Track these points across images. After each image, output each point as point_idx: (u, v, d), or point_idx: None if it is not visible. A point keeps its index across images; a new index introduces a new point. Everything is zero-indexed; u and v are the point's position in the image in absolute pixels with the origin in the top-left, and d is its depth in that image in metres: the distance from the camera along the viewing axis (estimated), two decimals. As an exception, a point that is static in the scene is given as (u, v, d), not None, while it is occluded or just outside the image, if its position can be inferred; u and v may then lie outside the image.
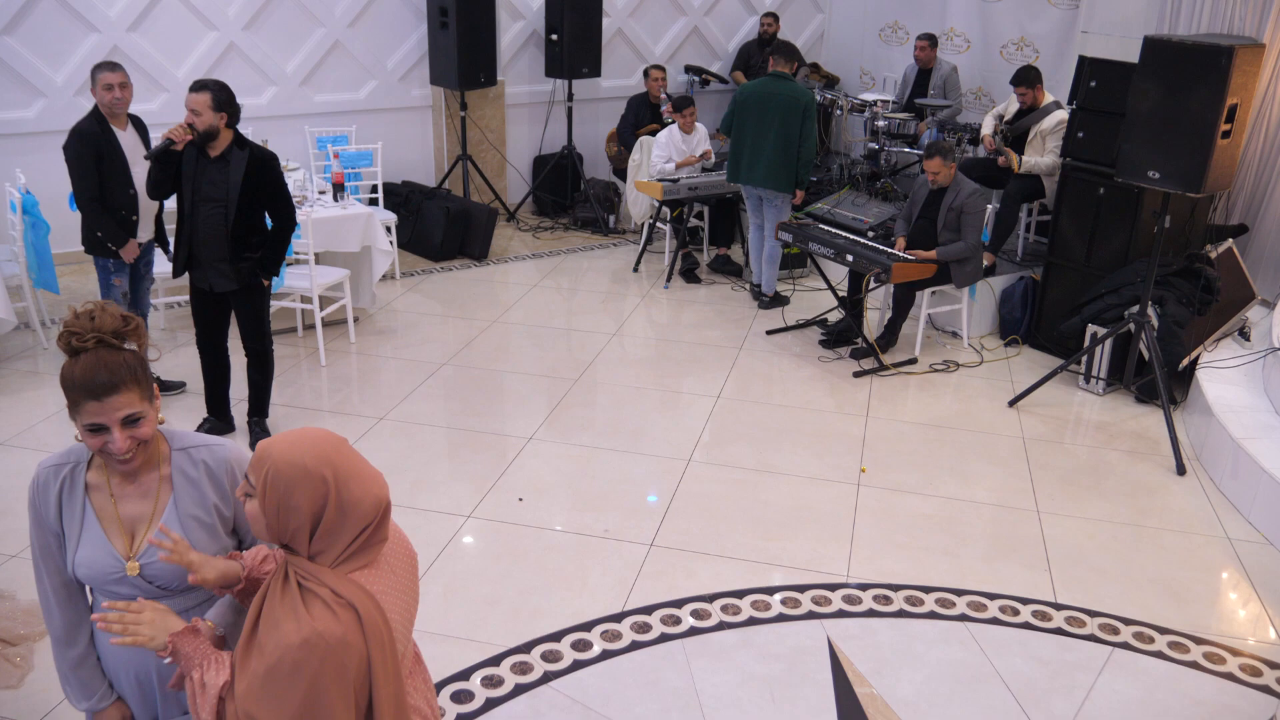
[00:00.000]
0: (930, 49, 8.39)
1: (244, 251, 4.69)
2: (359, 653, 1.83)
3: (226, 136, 4.54)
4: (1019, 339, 6.70)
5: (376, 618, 1.86)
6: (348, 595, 1.83)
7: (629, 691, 3.48)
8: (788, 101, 6.67)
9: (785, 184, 6.84)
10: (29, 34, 6.90)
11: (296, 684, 1.79)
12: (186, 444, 2.16)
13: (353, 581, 1.86)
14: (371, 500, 1.88)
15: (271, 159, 4.68)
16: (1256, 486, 4.69)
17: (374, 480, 1.91)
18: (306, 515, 1.82)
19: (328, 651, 1.79)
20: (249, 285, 4.78)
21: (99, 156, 4.95)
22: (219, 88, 4.46)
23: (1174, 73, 4.96)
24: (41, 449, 4.99)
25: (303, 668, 1.79)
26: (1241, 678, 3.67)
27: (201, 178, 4.58)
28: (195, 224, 4.65)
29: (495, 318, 6.89)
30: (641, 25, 9.57)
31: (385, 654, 1.87)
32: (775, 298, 7.23)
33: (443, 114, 8.75)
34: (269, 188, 4.66)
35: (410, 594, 2.03)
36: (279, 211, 4.75)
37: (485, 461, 5.00)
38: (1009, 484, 4.96)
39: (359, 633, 1.83)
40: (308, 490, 1.81)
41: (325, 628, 1.79)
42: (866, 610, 3.96)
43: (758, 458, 5.12)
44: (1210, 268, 5.84)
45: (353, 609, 1.82)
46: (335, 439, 1.90)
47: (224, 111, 4.46)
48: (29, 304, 6.06)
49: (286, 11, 7.84)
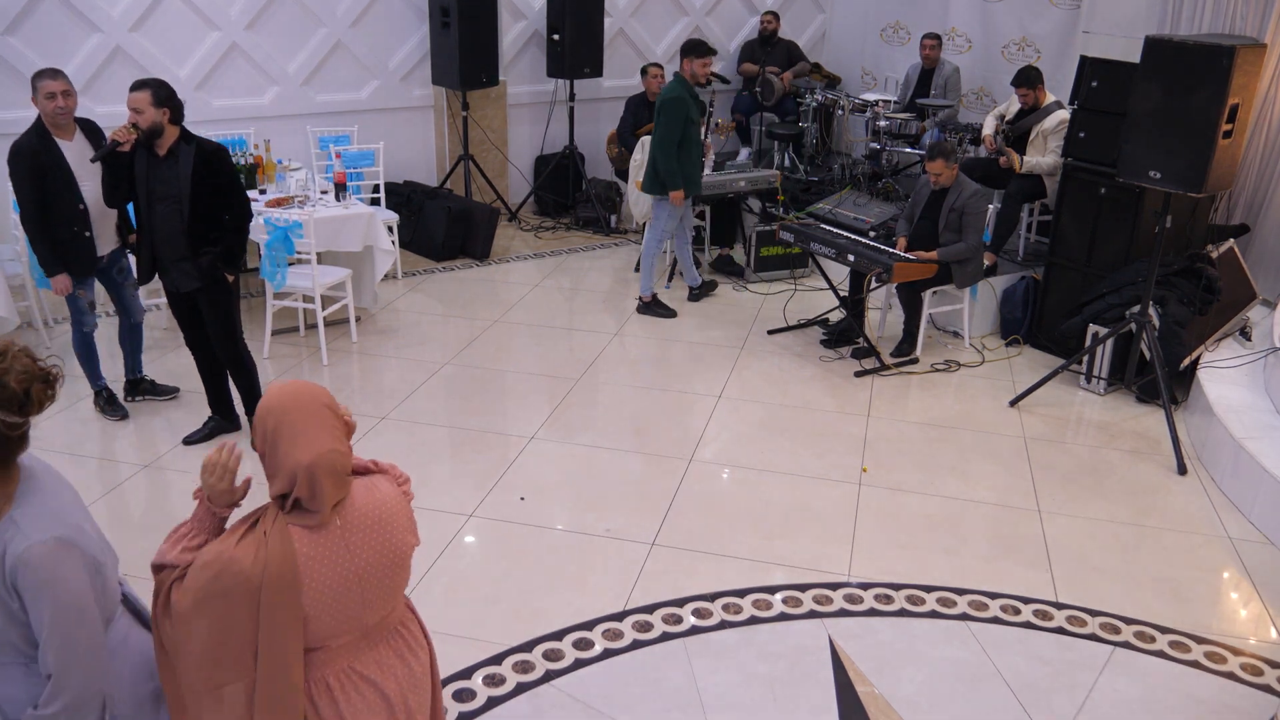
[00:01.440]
0: (938, 48, 8.41)
1: (203, 247, 4.67)
2: (251, 585, 1.98)
3: (172, 133, 4.52)
4: (1020, 339, 6.71)
5: (284, 569, 1.99)
6: (271, 537, 2.00)
7: (631, 690, 3.48)
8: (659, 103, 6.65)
9: (655, 186, 6.76)
10: (31, 34, 6.90)
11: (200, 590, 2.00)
12: (7, 524, 2.02)
13: (286, 531, 2.02)
14: (290, 465, 2.01)
15: (220, 151, 4.64)
16: (1257, 486, 4.69)
17: (306, 449, 2.02)
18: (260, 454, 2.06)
19: (223, 570, 1.98)
20: (213, 282, 4.74)
21: (41, 173, 4.73)
22: (158, 85, 4.46)
23: (1175, 73, 4.97)
24: (43, 448, 5.00)
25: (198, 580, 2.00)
26: (1242, 677, 3.68)
27: (153, 177, 4.58)
28: (153, 224, 4.65)
29: (497, 317, 6.90)
30: (643, 25, 9.58)
31: (281, 601, 1.99)
32: (654, 303, 7.05)
33: (444, 114, 8.76)
34: (219, 180, 4.63)
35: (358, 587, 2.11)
36: (232, 203, 4.71)
37: (487, 461, 5.01)
38: (1010, 483, 4.97)
39: (259, 570, 1.97)
40: (260, 434, 2.05)
41: (237, 553, 1.99)
42: (868, 609, 3.96)
43: (759, 457, 5.13)
44: (1211, 267, 5.84)
45: (266, 550, 1.98)
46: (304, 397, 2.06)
47: (165, 107, 4.44)
48: (31, 303, 6.07)
49: (288, 11, 7.85)
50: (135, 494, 4.65)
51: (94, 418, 5.32)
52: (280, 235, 5.85)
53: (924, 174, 6.32)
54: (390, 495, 2.22)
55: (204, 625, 2.03)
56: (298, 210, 6.06)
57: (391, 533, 2.17)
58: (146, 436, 5.17)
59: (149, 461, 4.90)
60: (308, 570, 2.03)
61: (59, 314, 6.50)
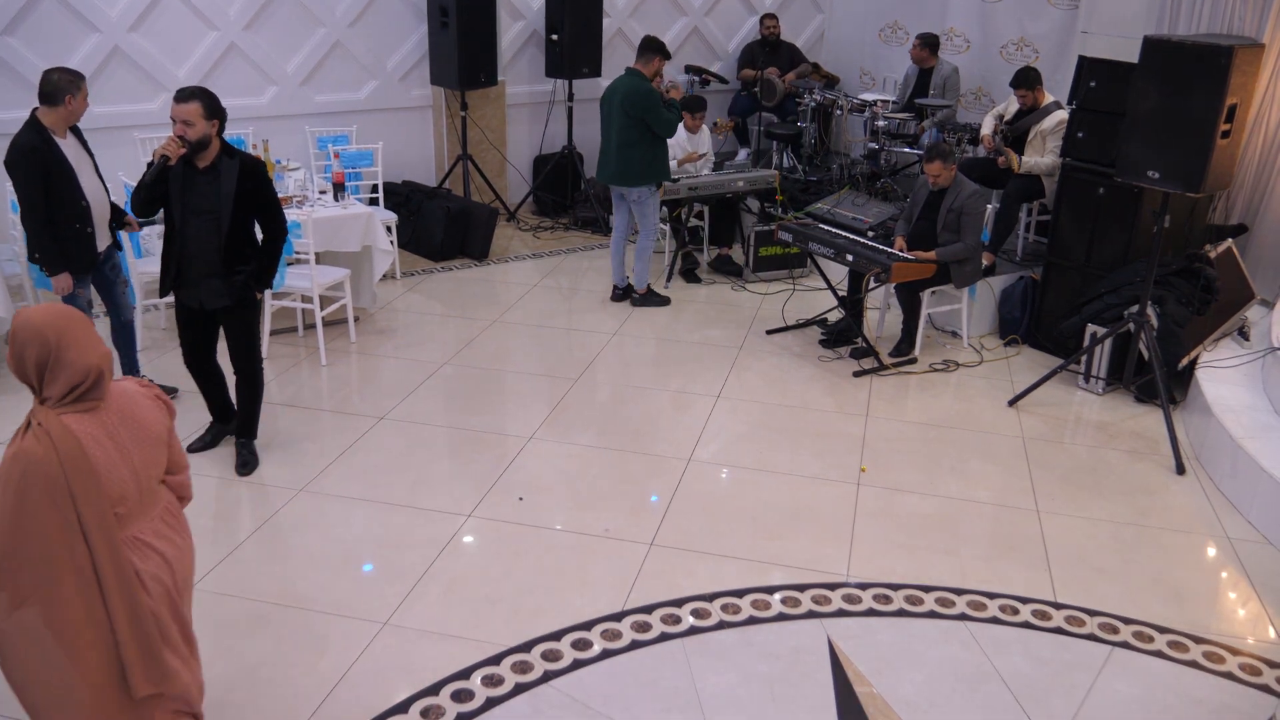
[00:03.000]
0: (922, 49, 8.38)
1: (236, 264, 4.53)
2: (54, 470, 2.40)
3: (215, 146, 4.37)
4: (1018, 339, 6.71)
5: (74, 449, 2.42)
6: (49, 427, 2.42)
7: (629, 691, 3.48)
8: (623, 99, 6.70)
9: (642, 178, 6.84)
10: (30, 34, 6.90)
11: (8, 490, 2.39)
12: None
13: (61, 421, 2.45)
14: (83, 364, 2.47)
15: (261, 166, 4.53)
16: (1256, 486, 4.69)
17: (92, 351, 2.49)
18: (33, 364, 2.45)
19: (27, 464, 2.39)
20: (241, 300, 4.61)
21: (46, 171, 4.72)
22: (208, 95, 4.31)
23: (1174, 73, 4.97)
24: (42, 448, 4.99)
25: (10, 476, 2.40)
26: (1241, 677, 3.68)
27: (190, 190, 4.39)
28: (185, 239, 4.46)
29: (495, 317, 6.90)
30: (642, 25, 9.57)
31: (84, 479, 2.43)
32: (649, 294, 7.17)
33: (443, 114, 8.76)
34: (259, 196, 4.51)
35: (124, 457, 2.56)
36: (270, 221, 4.59)
37: (486, 461, 5.01)
38: (1009, 483, 4.97)
39: (54, 455, 2.40)
40: (36, 348, 2.44)
41: (28, 447, 2.41)
42: (866, 609, 3.96)
43: (758, 457, 5.13)
44: (1209, 267, 5.85)
45: (50, 437, 2.40)
46: (75, 316, 2.51)
47: (216, 119, 4.31)
48: (30, 303, 6.06)
49: (287, 11, 7.84)
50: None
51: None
52: (279, 235, 5.84)
53: (922, 174, 6.32)
54: (130, 387, 2.70)
55: (8, 517, 2.41)
56: (296, 210, 6.05)
57: (139, 412, 2.63)
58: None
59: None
60: (89, 445, 2.47)
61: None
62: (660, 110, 6.67)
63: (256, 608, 3.86)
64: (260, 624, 3.78)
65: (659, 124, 6.68)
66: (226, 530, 4.38)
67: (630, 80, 6.75)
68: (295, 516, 4.49)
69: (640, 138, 6.72)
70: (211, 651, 3.61)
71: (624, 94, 6.72)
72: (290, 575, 4.06)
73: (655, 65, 6.78)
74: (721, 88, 10.03)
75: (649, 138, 6.73)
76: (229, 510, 4.57)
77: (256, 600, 3.91)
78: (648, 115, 6.65)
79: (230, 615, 3.82)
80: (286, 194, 6.42)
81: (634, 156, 6.78)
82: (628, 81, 6.76)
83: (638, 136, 6.72)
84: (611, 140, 6.85)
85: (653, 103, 6.65)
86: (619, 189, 7.02)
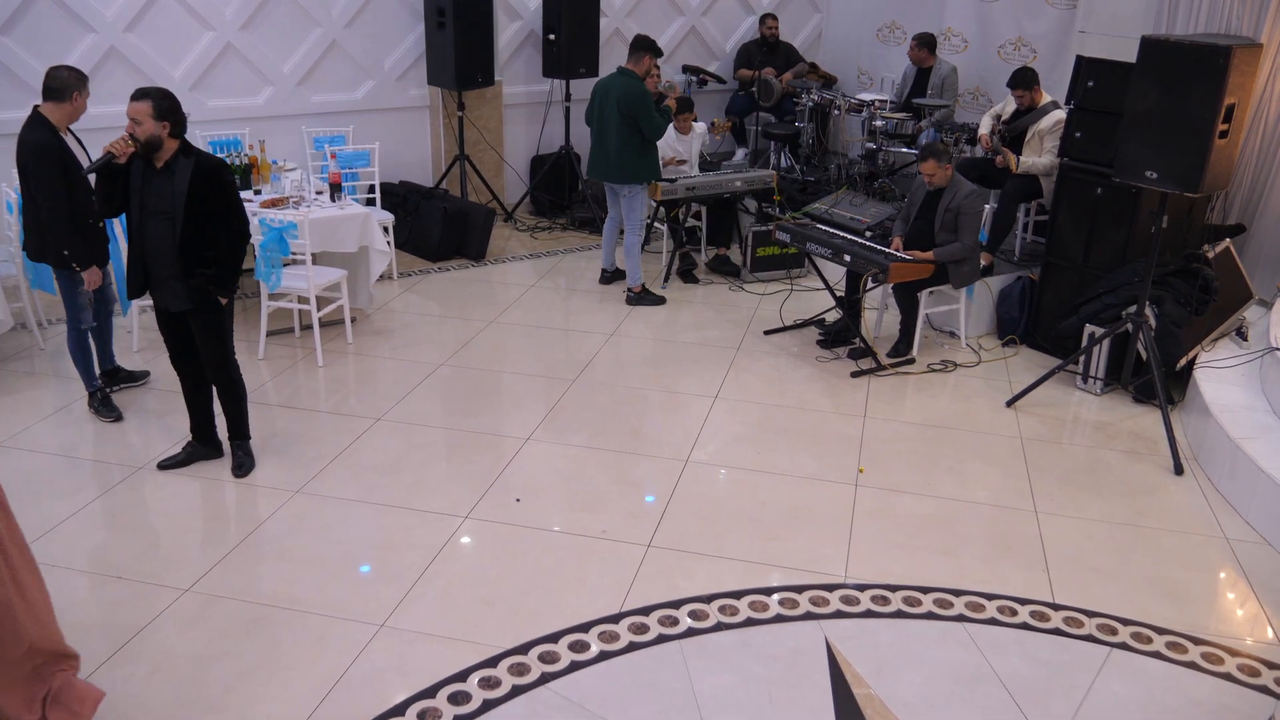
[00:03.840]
0: (920, 49, 8.39)
1: (195, 267, 4.42)
2: None
3: (171, 146, 4.29)
4: (1017, 339, 6.70)
5: None
6: None
7: (627, 693, 3.47)
8: (618, 97, 6.80)
9: (635, 176, 6.97)
10: (25, 34, 6.88)
11: None
12: None
13: None
14: None
15: (219, 167, 4.40)
16: (1254, 486, 4.69)
17: None
18: None
19: None
20: (204, 304, 4.51)
21: (64, 169, 4.75)
22: (161, 95, 4.24)
23: (1171, 73, 4.96)
24: (39, 449, 4.98)
25: None
26: (1239, 678, 3.67)
27: (147, 189, 4.35)
28: (144, 239, 4.43)
29: (493, 318, 6.89)
30: (639, 25, 9.55)
31: None
32: (644, 293, 7.24)
33: (440, 114, 8.75)
34: (216, 197, 4.37)
35: None
36: (230, 224, 4.45)
37: (483, 462, 5.00)
38: (1007, 484, 4.96)
39: None
40: None
41: None
42: (864, 611, 3.96)
43: (755, 458, 5.12)
44: (1208, 267, 5.84)
45: None
46: None
47: (166, 120, 4.22)
48: (25, 305, 6.05)
49: (283, 12, 7.83)
50: (130, 496, 4.63)
51: (88, 420, 5.30)
52: (275, 236, 5.83)
53: (919, 174, 6.31)
54: None
55: None
56: (293, 211, 6.04)
57: None
58: (142, 439, 5.15)
59: (142, 464, 4.88)
60: None
61: (52, 315, 6.47)
62: (652, 114, 6.79)
63: (253, 609, 3.85)
64: (257, 626, 3.76)
65: (648, 126, 6.80)
66: (223, 532, 4.37)
67: (624, 81, 6.82)
68: (292, 518, 4.47)
69: (633, 137, 6.84)
70: (208, 653, 3.60)
71: (619, 94, 6.78)
72: (287, 577, 4.05)
73: (645, 64, 6.90)
74: (719, 88, 10.03)
75: (641, 137, 6.86)
76: (225, 512, 4.55)
77: (253, 602, 3.90)
78: (639, 117, 6.74)
79: (227, 617, 3.80)
80: (283, 195, 6.42)
81: (629, 155, 6.89)
82: (622, 81, 6.82)
83: (630, 136, 6.84)
84: (610, 139, 6.91)
85: (645, 105, 6.77)
86: (613, 186, 7.13)
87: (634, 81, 6.82)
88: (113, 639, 3.66)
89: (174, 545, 4.25)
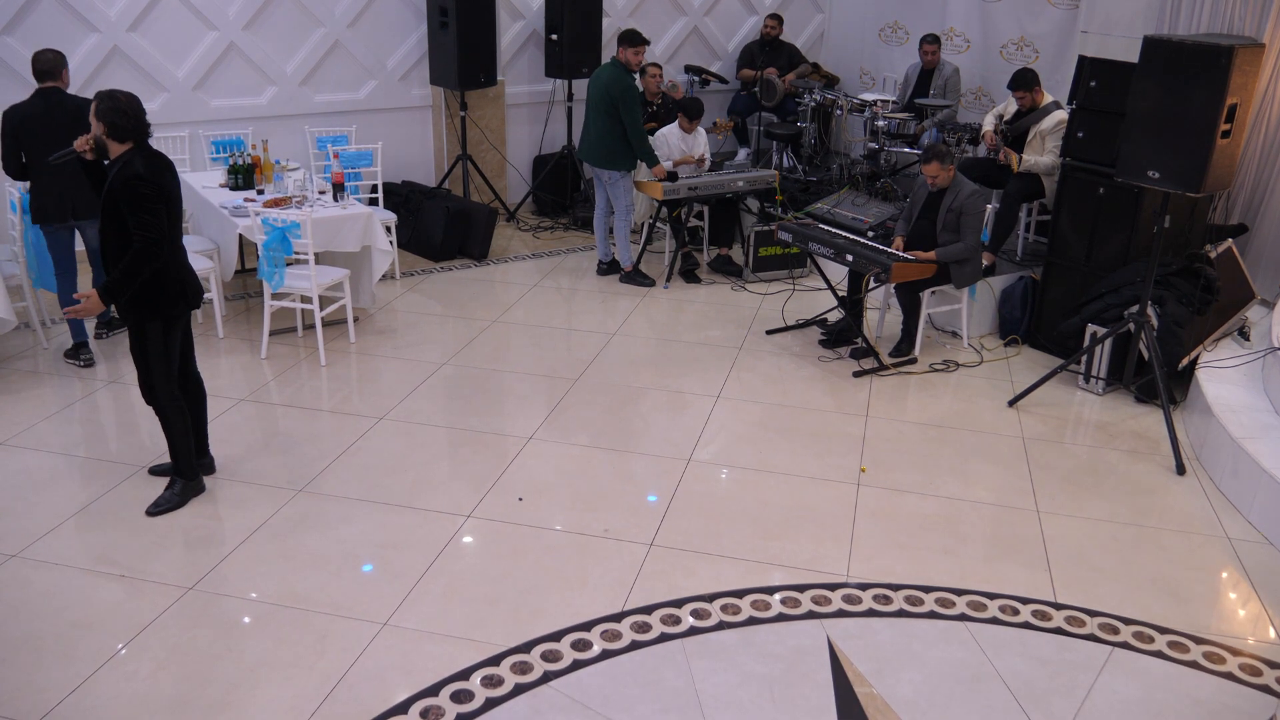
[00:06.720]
0: (938, 51, 8.43)
1: None
2: None
3: (116, 148, 4.16)
4: (1019, 339, 6.71)
5: None
6: None
7: (629, 691, 3.48)
8: (604, 87, 7.09)
9: (612, 163, 7.23)
10: (29, 33, 6.90)
11: None
12: None
13: None
14: None
15: (134, 176, 4.07)
16: (1256, 486, 4.69)
17: None
18: None
19: None
20: (126, 317, 4.31)
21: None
22: (103, 98, 4.12)
23: (1174, 73, 4.96)
24: (42, 448, 4.99)
25: None
26: (1241, 677, 3.68)
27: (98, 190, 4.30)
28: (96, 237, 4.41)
29: (495, 317, 6.90)
30: (641, 25, 9.53)
31: None
32: (634, 273, 7.55)
33: (443, 114, 8.75)
34: (126, 206, 4.09)
35: None
36: (132, 235, 4.11)
37: (485, 461, 5.00)
38: (1009, 484, 4.96)
39: None
40: None
41: None
42: (866, 610, 3.96)
43: (758, 457, 5.12)
44: (1210, 267, 5.84)
45: None
46: None
47: (102, 121, 4.10)
48: (29, 304, 6.06)
49: (286, 11, 7.84)
50: (133, 494, 4.64)
51: (90, 419, 5.32)
52: (278, 236, 5.84)
53: (921, 174, 6.31)
54: None
55: None
56: (295, 211, 6.05)
57: None
58: (145, 438, 5.16)
59: (145, 463, 4.89)
60: None
61: (55, 314, 6.49)
62: (636, 111, 7.07)
63: (256, 608, 3.86)
64: (260, 624, 3.77)
65: (629, 119, 7.04)
66: (226, 530, 4.38)
67: (613, 71, 7.14)
68: (295, 517, 4.48)
69: (614, 126, 7.10)
70: (211, 651, 3.61)
71: (606, 82, 7.10)
72: (290, 575, 4.06)
73: (622, 55, 7.14)
74: (721, 88, 10.03)
75: (622, 127, 7.10)
76: (228, 511, 4.56)
77: (256, 600, 3.90)
78: (623, 109, 7.02)
79: (230, 615, 3.81)
80: (286, 194, 6.42)
81: (611, 141, 7.18)
82: (610, 71, 7.15)
83: (612, 125, 7.10)
84: (594, 124, 7.25)
85: (631, 100, 7.04)
86: (595, 170, 7.42)
87: (621, 73, 7.09)
88: (116, 637, 3.67)
89: (177, 543, 4.26)
